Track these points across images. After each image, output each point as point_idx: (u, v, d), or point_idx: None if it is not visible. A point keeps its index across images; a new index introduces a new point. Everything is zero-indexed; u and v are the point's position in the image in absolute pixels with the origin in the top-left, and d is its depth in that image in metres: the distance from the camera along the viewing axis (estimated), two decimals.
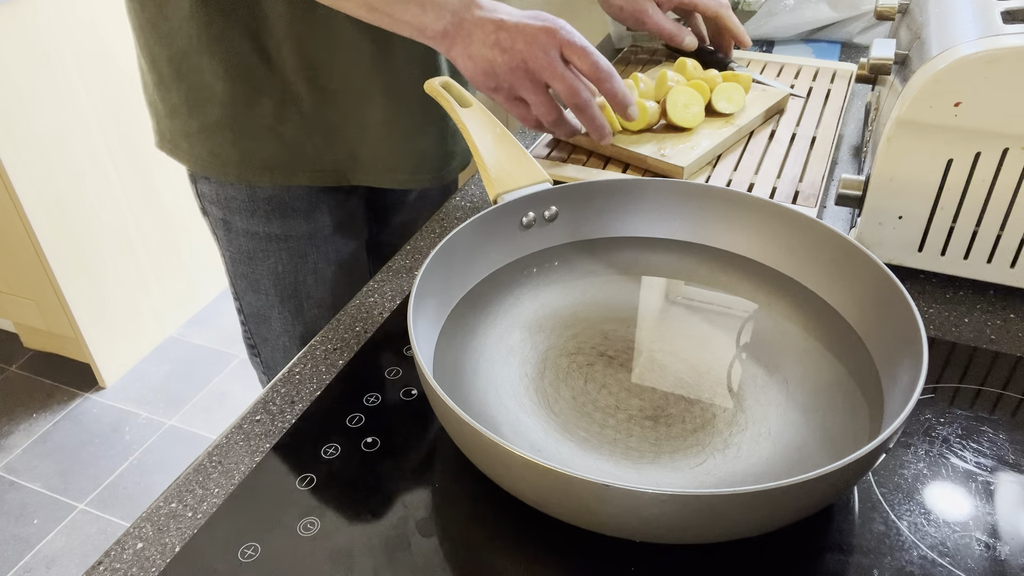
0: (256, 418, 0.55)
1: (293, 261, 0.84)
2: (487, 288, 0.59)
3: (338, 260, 0.87)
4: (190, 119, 0.76)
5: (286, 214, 0.81)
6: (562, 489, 0.40)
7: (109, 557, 0.46)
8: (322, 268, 0.85)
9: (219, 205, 0.81)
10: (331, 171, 0.79)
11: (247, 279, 0.85)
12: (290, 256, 0.83)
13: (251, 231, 0.82)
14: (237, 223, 0.82)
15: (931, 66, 0.57)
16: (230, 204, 0.81)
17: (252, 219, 0.81)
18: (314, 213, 0.82)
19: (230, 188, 0.79)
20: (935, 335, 0.60)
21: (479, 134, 0.63)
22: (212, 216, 0.84)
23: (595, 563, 0.44)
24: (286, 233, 0.82)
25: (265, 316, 0.87)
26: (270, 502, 0.48)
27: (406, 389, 0.56)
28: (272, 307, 0.86)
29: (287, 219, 0.81)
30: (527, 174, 0.61)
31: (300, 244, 0.83)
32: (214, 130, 0.75)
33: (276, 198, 0.80)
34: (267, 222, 0.81)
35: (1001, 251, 0.61)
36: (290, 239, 0.82)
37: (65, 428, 1.83)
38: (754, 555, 0.44)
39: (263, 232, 0.82)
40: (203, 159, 0.77)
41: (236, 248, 0.84)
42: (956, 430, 0.52)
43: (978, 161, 0.58)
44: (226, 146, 0.76)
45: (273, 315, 0.87)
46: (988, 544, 0.45)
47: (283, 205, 0.80)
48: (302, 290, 0.85)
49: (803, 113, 0.87)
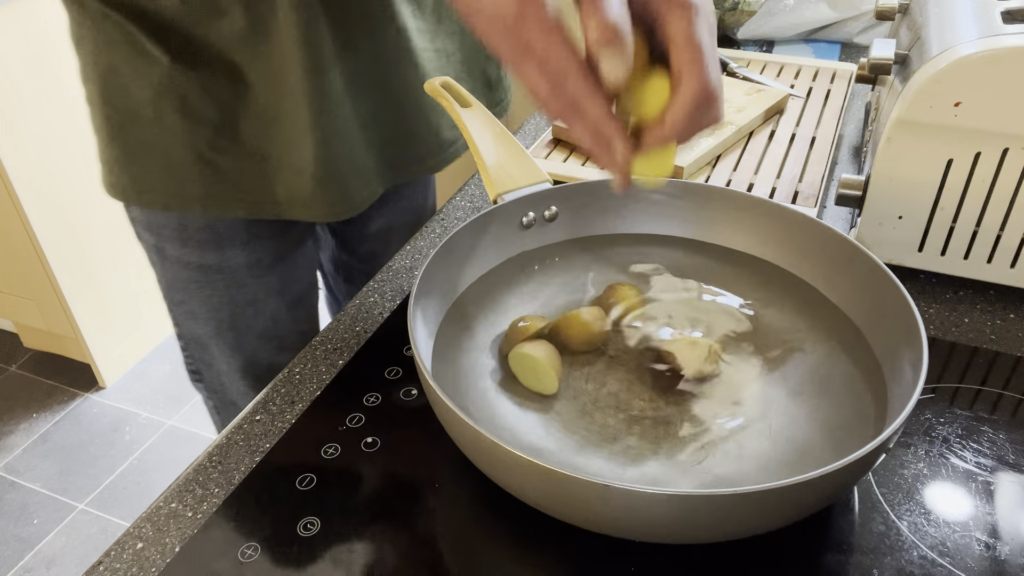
0: (256, 418, 0.55)
1: (230, 292, 0.78)
2: (487, 288, 0.59)
3: (282, 291, 0.80)
4: (112, 143, 0.69)
5: (221, 245, 0.75)
6: (562, 489, 0.40)
7: (109, 557, 0.46)
8: (262, 299, 0.79)
9: (151, 231, 0.75)
10: (269, 203, 0.71)
11: (183, 307, 0.80)
12: (226, 287, 0.77)
13: (184, 260, 0.75)
14: (169, 251, 0.75)
15: (931, 66, 0.57)
16: (162, 232, 0.74)
17: (185, 249, 0.75)
18: (253, 244, 0.76)
19: (161, 216, 0.73)
20: (935, 335, 0.60)
21: (479, 134, 0.62)
22: (145, 242, 0.77)
23: (595, 563, 0.44)
24: (221, 264, 0.76)
25: (204, 344, 0.82)
26: (270, 502, 0.48)
27: (406, 389, 0.56)
28: (210, 337, 0.81)
29: (223, 250, 0.75)
30: (527, 174, 0.61)
31: (238, 275, 0.77)
32: (138, 157, 0.68)
33: (210, 228, 0.73)
34: (201, 253, 0.75)
35: (1001, 251, 0.61)
36: (226, 270, 0.76)
37: (65, 428, 1.83)
38: (754, 555, 0.44)
39: (196, 262, 0.75)
40: (125, 186, 0.70)
41: (170, 276, 0.78)
42: (956, 430, 0.52)
43: (978, 161, 0.58)
44: (153, 174, 0.69)
45: (211, 344, 0.82)
46: (988, 544, 0.45)
47: (218, 236, 0.74)
48: (240, 322, 0.80)
49: (803, 113, 0.87)
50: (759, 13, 1.09)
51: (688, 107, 0.42)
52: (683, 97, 0.42)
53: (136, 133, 0.67)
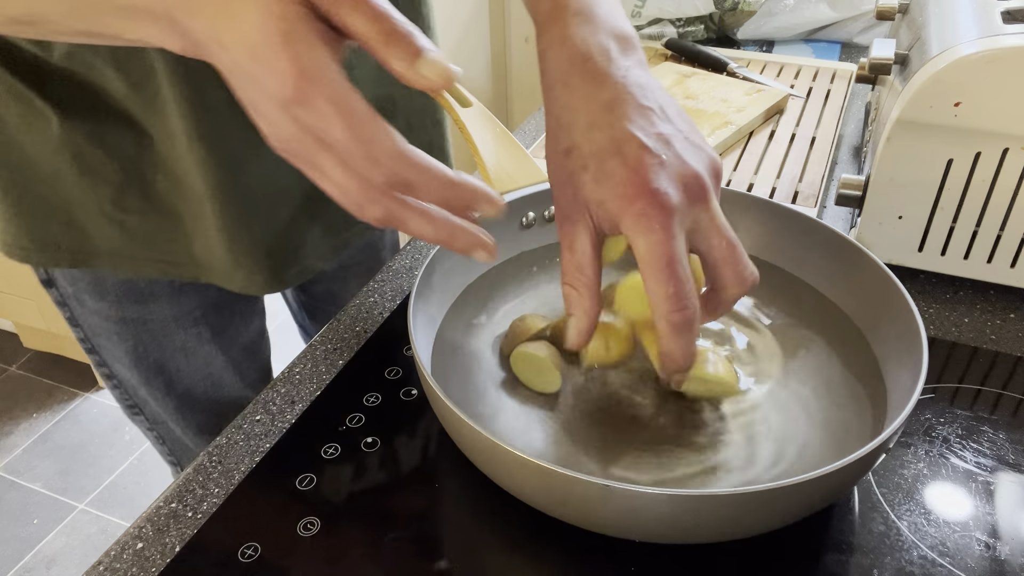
0: (256, 418, 0.55)
1: (156, 342, 0.70)
2: (487, 288, 0.59)
3: (216, 339, 0.73)
4: (5, 199, 0.61)
5: (143, 299, 0.67)
6: (562, 489, 0.40)
7: (109, 557, 0.46)
8: (193, 347, 0.72)
9: (66, 280, 0.67)
10: (188, 265, 0.64)
11: (105, 351, 0.72)
12: (152, 338, 0.70)
13: (103, 313, 0.68)
14: (87, 302, 0.68)
15: (931, 66, 0.57)
16: (77, 283, 0.67)
17: (102, 302, 0.67)
18: (180, 298, 0.68)
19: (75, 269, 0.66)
20: (935, 335, 0.60)
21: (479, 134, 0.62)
22: (61, 289, 0.68)
23: (595, 563, 0.44)
24: (144, 317, 0.68)
25: (134, 386, 0.74)
26: (270, 502, 0.48)
27: (406, 389, 0.56)
28: (139, 382, 0.73)
29: (145, 304, 0.68)
30: (527, 174, 0.61)
31: (164, 326, 0.69)
32: (39, 214, 0.62)
33: (129, 282, 0.66)
34: (120, 307, 0.67)
35: (1001, 251, 0.61)
36: (150, 322, 0.69)
37: (65, 428, 1.83)
38: (754, 555, 0.44)
39: (116, 316, 0.68)
40: (25, 247, 0.63)
41: (89, 325, 0.70)
42: (956, 430, 0.52)
43: (978, 161, 0.58)
44: (55, 230, 0.62)
45: (141, 388, 0.74)
46: (988, 544, 0.45)
47: (137, 290, 0.67)
48: (170, 367, 0.72)
49: (803, 113, 0.87)
50: (759, 13, 1.09)
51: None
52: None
53: (33, 189, 0.61)
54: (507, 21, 1.83)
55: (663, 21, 1.13)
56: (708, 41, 1.12)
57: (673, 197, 0.39)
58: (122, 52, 0.54)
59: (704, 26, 1.12)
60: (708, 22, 1.12)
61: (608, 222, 0.41)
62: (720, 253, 0.42)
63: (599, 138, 0.41)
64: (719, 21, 1.12)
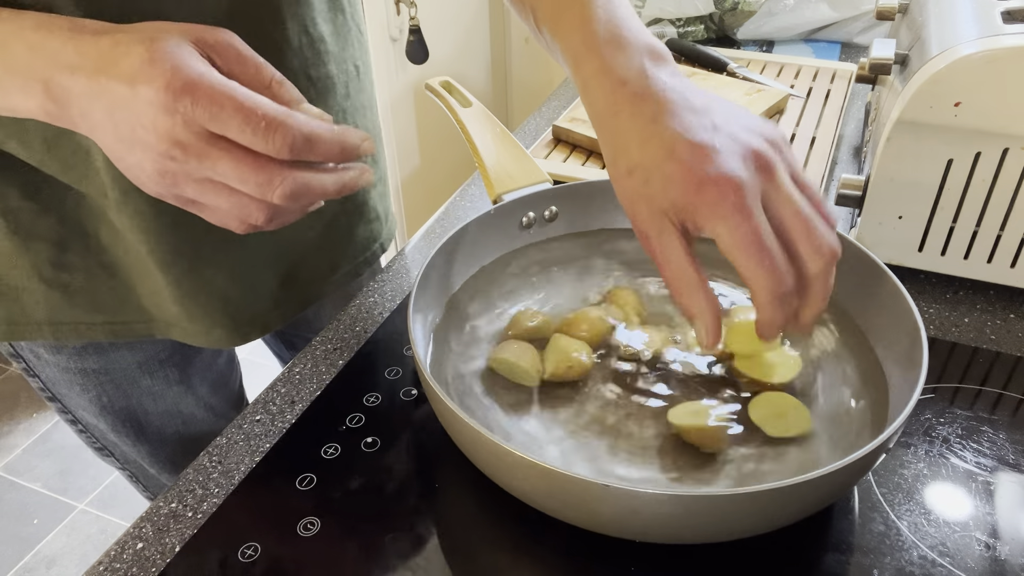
0: (256, 418, 0.55)
1: (121, 391, 0.67)
2: (487, 287, 0.59)
3: (184, 379, 0.70)
4: None
5: (102, 349, 0.64)
6: (562, 489, 0.40)
7: (109, 557, 0.46)
8: (161, 390, 0.69)
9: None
10: (138, 323, 0.61)
11: (68, 400, 0.68)
12: (116, 387, 0.67)
13: (61, 365, 0.65)
14: (43, 355, 0.65)
15: (931, 66, 0.57)
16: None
17: (59, 355, 0.64)
18: (141, 343, 0.65)
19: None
20: (935, 335, 0.60)
21: (479, 134, 0.62)
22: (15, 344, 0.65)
23: (595, 563, 0.44)
24: (106, 367, 0.65)
25: (102, 431, 0.71)
26: (270, 502, 0.48)
27: (406, 389, 0.56)
28: (108, 430, 0.71)
29: (105, 354, 0.65)
30: (527, 174, 0.61)
31: (128, 374, 0.67)
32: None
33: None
34: (80, 359, 0.64)
35: (1001, 251, 0.61)
36: (113, 372, 0.66)
37: (65, 428, 1.82)
38: (754, 555, 0.44)
39: (76, 368, 0.65)
40: None
41: (47, 376, 0.67)
42: (956, 430, 0.52)
43: (978, 161, 0.58)
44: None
45: (109, 433, 0.71)
46: (988, 544, 0.45)
47: (95, 343, 0.64)
48: (138, 413, 0.69)
49: (803, 113, 0.87)
50: (759, 13, 1.09)
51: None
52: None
53: None
54: (507, 22, 1.83)
55: (663, 21, 1.13)
56: (708, 41, 1.12)
57: (735, 178, 0.40)
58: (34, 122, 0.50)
59: (704, 26, 1.12)
60: (708, 22, 1.12)
61: (689, 222, 0.42)
62: (790, 224, 0.41)
63: (653, 149, 0.42)
64: (719, 21, 1.12)
